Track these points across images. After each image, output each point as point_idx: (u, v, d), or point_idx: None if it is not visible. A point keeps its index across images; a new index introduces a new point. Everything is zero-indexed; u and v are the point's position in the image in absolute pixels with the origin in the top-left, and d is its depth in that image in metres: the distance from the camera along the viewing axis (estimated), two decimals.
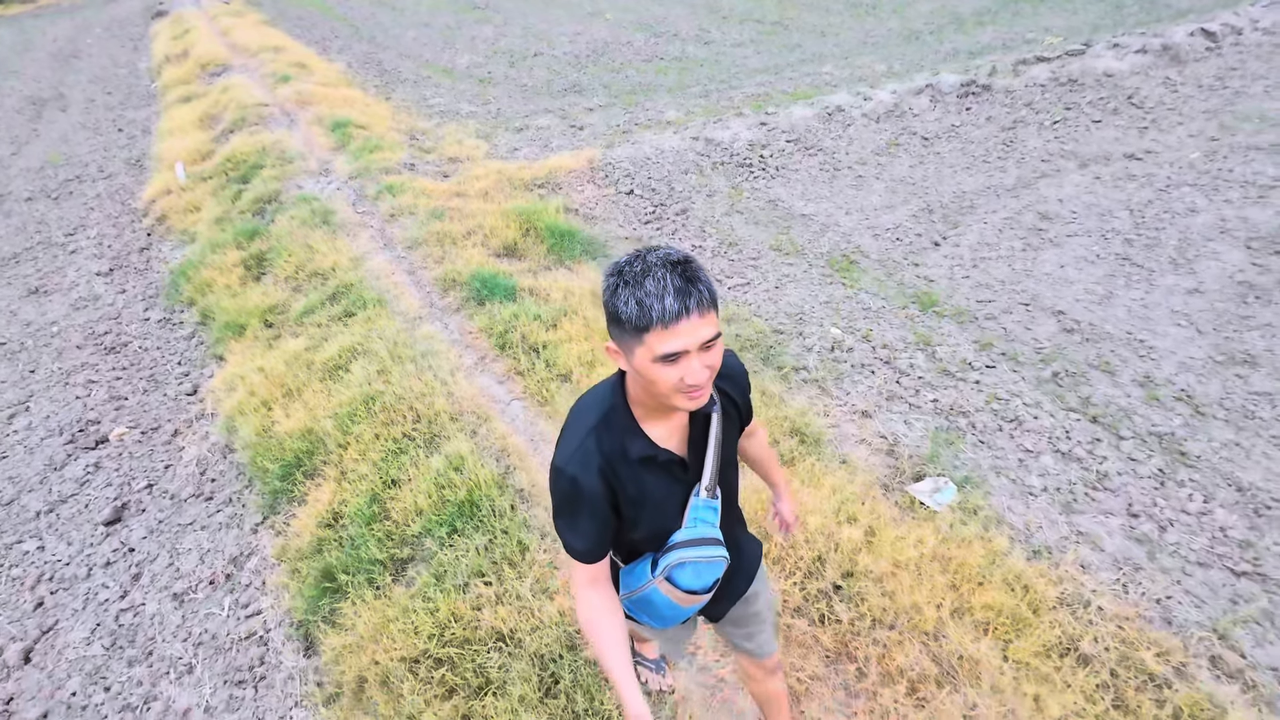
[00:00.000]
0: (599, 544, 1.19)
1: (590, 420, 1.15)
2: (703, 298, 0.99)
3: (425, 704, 2.07)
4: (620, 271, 1.02)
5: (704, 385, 1.04)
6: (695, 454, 1.23)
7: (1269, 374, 3.25)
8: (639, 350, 1.01)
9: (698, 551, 1.21)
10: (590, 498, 1.13)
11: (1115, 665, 2.09)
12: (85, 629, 2.88)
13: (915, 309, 3.98)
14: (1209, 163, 5.09)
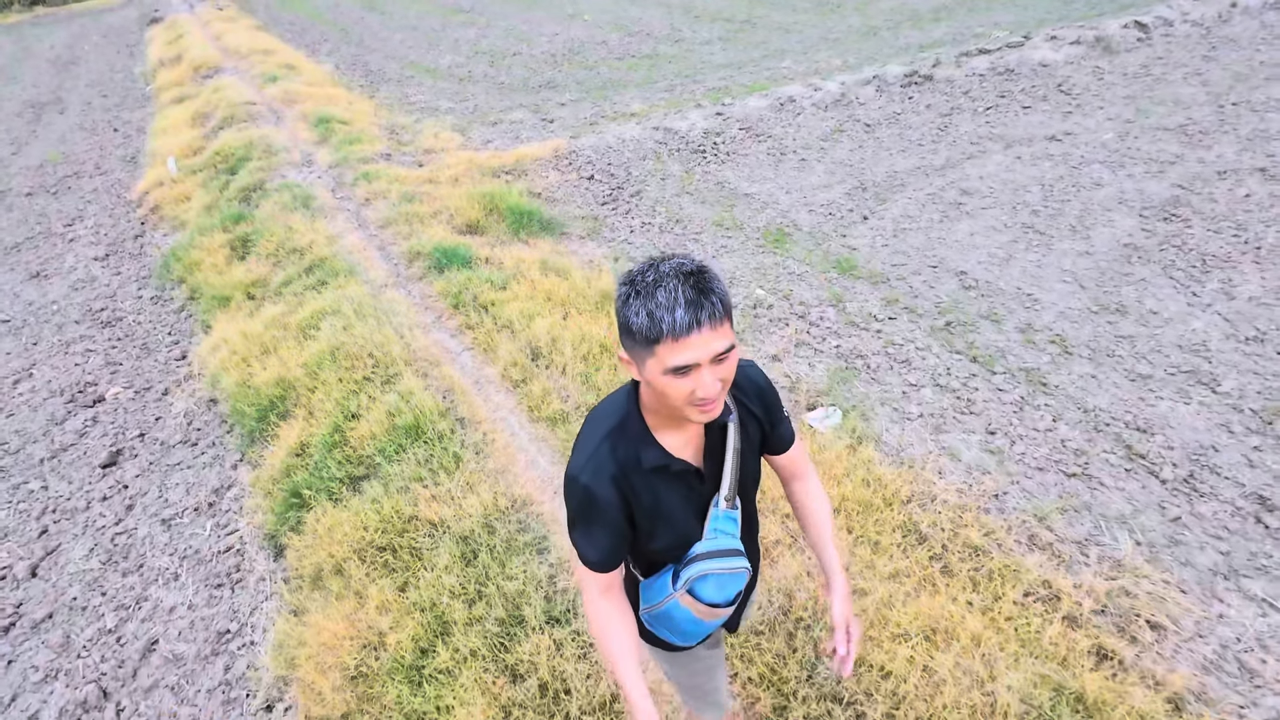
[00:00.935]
0: (613, 554, 1.17)
1: (604, 429, 1.14)
2: (715, 310, 0.97)
3: (370, 581, 2.48)
4: (632, 281, 1.00)
5: (716, 398, 1.02)
6: (712, 464, 1.21)
7: (1135, 320, 3.66)
8: (650, 362, 1.00)
9: (720, 563, 1.19)
10: (604, 507, 1.12)
11: (946, 541, 2.50)
12: (84, 549, 3.29)
13: (835, 273, 4.39)
14: (1120, 142, 5.51)
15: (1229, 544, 2.49)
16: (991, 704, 1.95)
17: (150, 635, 2.83)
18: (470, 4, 15.33)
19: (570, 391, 3.21)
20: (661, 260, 1.00)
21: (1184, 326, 3.56)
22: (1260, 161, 4.90)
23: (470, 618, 2.20)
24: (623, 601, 1.22)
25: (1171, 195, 4.69)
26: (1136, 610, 2.23)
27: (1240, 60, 6.65)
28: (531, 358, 3.43)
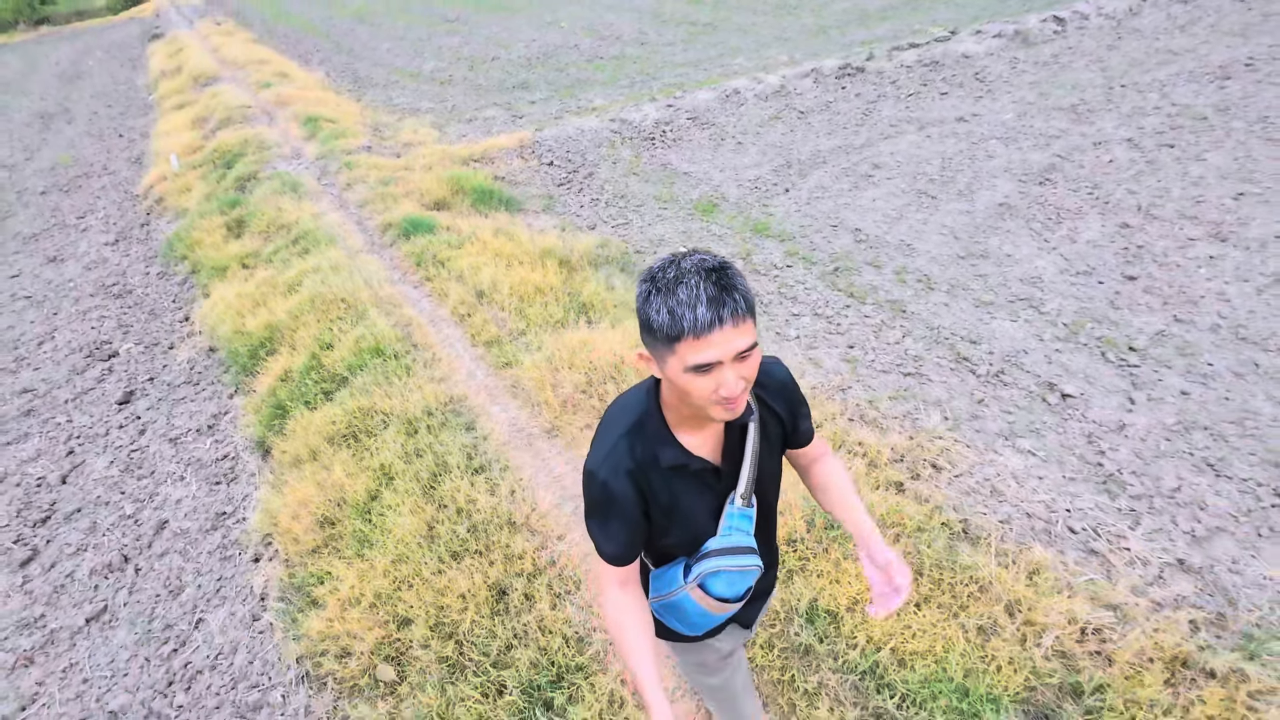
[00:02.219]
0: (629, 548, 1.17)
1: (623, 426, 1.14)
2: (738, 307, 0.95)
3: (334, 457, 3.13)
4: (653, 278, 0.99)
5: (738, 397, 1.01)
6: (730, 462, 1.20)
7: (992, 263, 4.31)
8: (671, 360, 0.98)
9: (732, 560, 1.19)
10: (621, 502, 1.12)
11: None
12: (105, 462, 3.94)
13: (750, 233, 5.06)
14: (1018, 121, 6.18)
15: (1015, 417, 3.14)
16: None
17: (161, 518, 3.48)
18: (455, 14, 16.10)
19: (506, 321, 3.88)
20: (682, 256, 0.98)
21: (1029, 265, 4.22)
22: (1130, 133, 5.57)
23: (408, 470, 2.85)
24: (639, 595, 1.21)
25: (1049, 163, 5.36)
26: (925, 458, 2.88)
27: (1139, 48, 7.33)
28: (477, 297, 4.10)
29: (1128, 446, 2.91)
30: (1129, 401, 3.15)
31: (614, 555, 1.17)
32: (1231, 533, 2.51)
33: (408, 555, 2.51)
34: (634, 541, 1.17)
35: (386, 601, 2.44)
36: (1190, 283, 3.84)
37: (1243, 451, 2.83)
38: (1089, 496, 2.70)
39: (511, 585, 2.36)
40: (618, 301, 4.09)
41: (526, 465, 2.96)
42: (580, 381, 3.21)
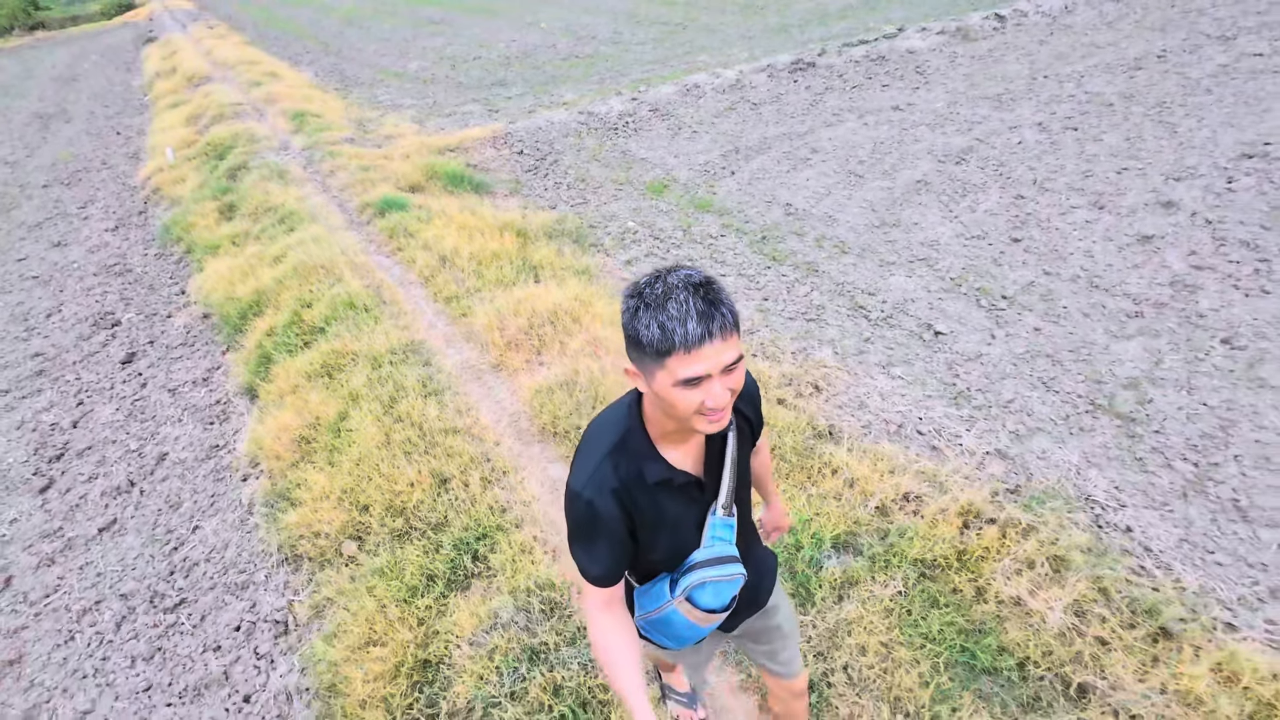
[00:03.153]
0: (615, 568, 1.17)
1: (606, 444, 1.14)
2: (726, 321, 0.97)
3: (311, 390, 3.65)
4: (640, 294, 1.00)
5: (725, 408, 1.02)
6: (711, 474, 1.22)
7: (901, 230, 4.85)
8: (660, 374, 1.00)
9: (717, 570, 1.21)
10: (607, 522, 1.12)
11: None
12: (111, 410, 4.45)
13: (693, 210, 5.59)
14: (947, 109, 6.74)
15: (894, 351, 3.67)
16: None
17: (162, 451, 3.99)
18: (441, 16, 16.64)
19: (464, 280, 4.41)
20: (668, 272, 1.00)
21: (932, 232, 4.76)
22: (1042, 118, 6.13)
23: (372, 395, 3.37)
24: (625, 616, 1.22)
25: (967, 146, 5.91)
26: (809, 381, 3.41)
27: (1067, 43, 7.91)
28: (440, 262, 4.62)
29: (980, 370, 3.45)
30: (990, 337, 3.69)
31: (599, 577, 1.17)
32: (1048, 432, 3.05)
33: (368, 457, 3.03)
34: (619, 562, 1.17)
35: (350, 494, 2.96)
36: (1064, 243, 4.39)
37: (1073, 373, 3.37)
38: (940, 408, 3.24)
39: (451, 474, 2.88)
40: (565, 265, 4.62)
41: (473, 392, 3.49)
42: (523, 325, 3.74)
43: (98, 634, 2.99)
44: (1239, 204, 4.44)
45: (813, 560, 2.41)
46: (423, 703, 2.21)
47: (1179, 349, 3.42)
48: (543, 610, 2.28)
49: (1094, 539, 2.46)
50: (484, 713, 2.10)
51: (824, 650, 2.18)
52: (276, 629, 2.84)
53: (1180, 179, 4.84)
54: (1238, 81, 6.13)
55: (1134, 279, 3.96)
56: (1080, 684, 2.00)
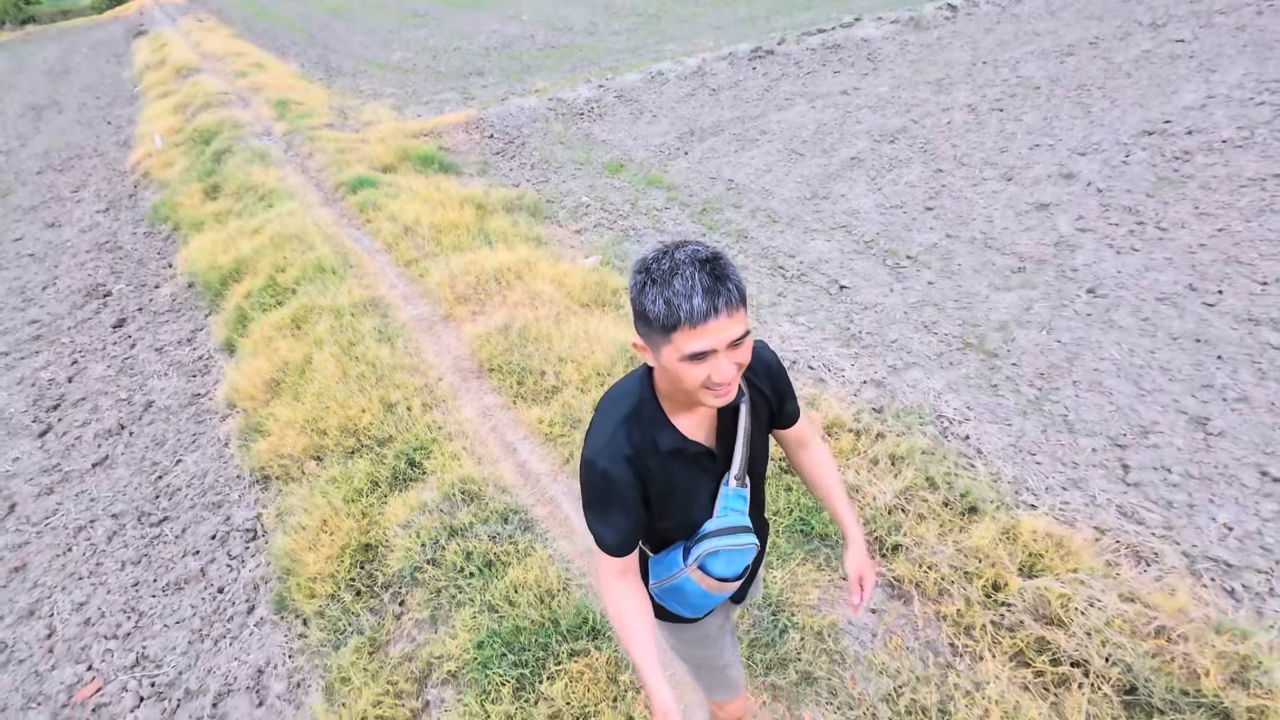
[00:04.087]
0: (630, 537, 1.19)
1: (620, 413, 1.16)
2: (732, 296, 0.98)
3: (281, 340, 4.07)
4: (648, 269, 1.00)
5: (731, 383, 1.04)
6: (724, 445, 1.24)
7: (829, 202, 5.29)
8: (666, 349, 1.00)
9: (730, 540, 1.23)
10: (622, 490, 1.14)
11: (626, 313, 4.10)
12: (103, 367, 4.87)
13: (644, 185, 6.02)
14: (890, 93, 7.16)
15: (802, 303, 4.11)
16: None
17: (149, 400, 4.42)
18: (425, 9, 16.98)
19: (424, 246, 4.84)
20: (675, 247, 1.01)
21: (856, 202, 5.20)
22: (974, 100, 6.56)
23: (333, 339, 3.80)
24: (639, 585, 1.24)
25: (901, 126, 6.34)
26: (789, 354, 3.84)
27: (1011, 30, 8.33)
28: (403, 231, 5.05)
29: (873, 317, 3.90)
30: (889, 290, 4.13)
31: (615, 545, 1.18)
32: (920, 366, 3.50)
33: (328, 390, 3.46)
34: (634, 530, 1.19)
35: (312, 422, 3.39)
36: (970, 210, 4.83)
37: (953, 318, 3.81)
38: (832, 348, 3.68)
39: (398, 401, 3.32)
40: (519, 234, 5.05)
41: (423, 338, 3.92)
42: (471, 282, 4.17)
43: (91, 545, 3.42)
44: (1130, 175, 4.89)
45: None
46: (363, 576, 2.65)
47: (1049, 298, 3.87)
48: (463, 499, 2.73)
49: (935, 444, 2.91)
50: (411, 578, 2.54)
51: None
52: (247, 535, 3.28)
53: (1085, 154, 5.27)
54: (1155, 66, 6.57)
55: (1024, 240, 4.41)
56: (894, 543, 2.44)
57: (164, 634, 2.91)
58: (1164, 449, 2.89)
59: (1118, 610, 2.14)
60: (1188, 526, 2.55)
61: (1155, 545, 2.45)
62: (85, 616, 3.06)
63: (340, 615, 2.58)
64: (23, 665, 2.89)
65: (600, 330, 3.62)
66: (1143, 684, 1.98)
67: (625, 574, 1.22)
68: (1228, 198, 4.44)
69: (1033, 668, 2.06)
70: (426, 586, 2.49)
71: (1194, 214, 4.36)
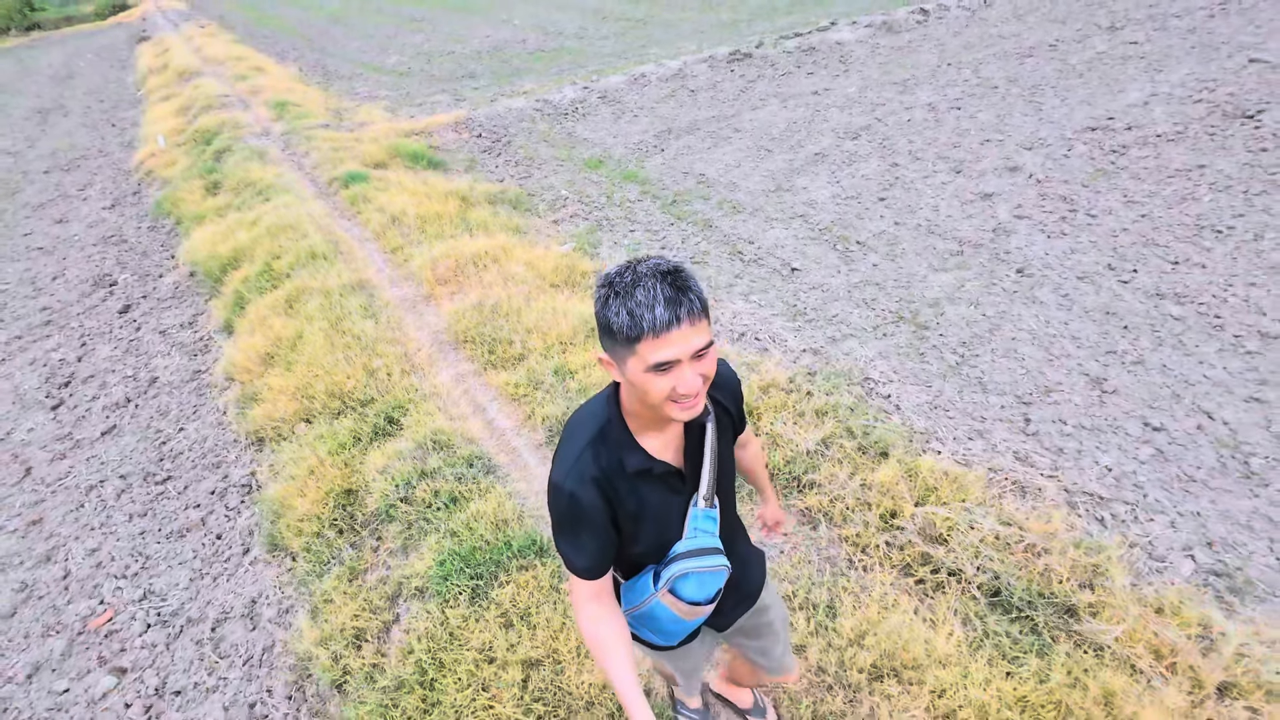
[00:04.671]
0: (601, 560, 1.18)
1: (586, 435, 1.15)
2: (693, 306, 0.99)
3: (276, 319, 4.41)
4: (610, 283, 1.02)
5: (697, 394, 1.04)
6: (692, 464, 1.23)
7: (790, 194, 5.63)
8: (631, 361, 1.01)
9: (699, 562, 1.22)
10: (590, 512, 1.13)
11: None
12: (110, 348, 5.21)
13: (620, 180, 6.37)
14: (859, 93, 7.52)
15: (756, 283, 4.46)
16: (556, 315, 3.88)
17: (153, 376, 4.76)
18: (423, 14, 17.38)
19: (410, 234, 5.19)
20: (638, 262, 1.03)
21: (815, 194, 5.54)
22: (934, 99, 6.91)
23: (322, 316, 4.14)
24: (614, 607, 1.24)
25: (865, 124, 6.69)
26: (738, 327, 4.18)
27: (978, 34, 8.69)
28: (391, 221, 5.40)
29: (819, 295, 4.24)
30: (836, 272, 4.47)
31: (586, 569, 1.18)
32: (856, 337, 3.84)
33: (316, 360, 3.80)
34: (605, 553, 1.18)
35: (302, 389, 3.73)
36: (919, 200, 5.17)
37: (891, 296, 4.16)
38: (779, 323, 4.03)
39: (379, 368, 3.66)
40: (499, 224, 5.40)
41: (405, 315, 4.27)
42: (451, 265, 4.52)
43: (101, 501, 3.76)
44: (1070, 167, 5.23)
45: None
46: (345, 516, 2.99)
47: (981, 277, 4.21)
48: (434, 447, 3.07)
49: (859, 401, 3.25)
50: (386, 515, 2.88)
51: None
52: (243, 490, 3.62)
53: (1031, 148, 5.62)
54: (1107, 66, 6.92)
55: (965, 226, 4.75)
56: (810, 481, 2.78)
57: (168, 573, 3.25)
58: (1063, 405, 3.23)
59: (994, 530, 2.48)
60: (1073, 468, 2.89)
61: (1040, 483, 2.79)
62: (97, 560, 3.39)
63: (324, 549, 2.92)
64: (42, 601, 3.23)
65: (566, 306, 3.96)
66: (1006, 587, 2.32)
67: (599, 597, 1.22)
68: (1154, 187, 4.79)
69: (915, 577, 2.40)
70: (399, 521, 2.83)
71: (1122, 202, 4.70)
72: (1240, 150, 5.01)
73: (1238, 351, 3.39)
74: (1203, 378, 3.27)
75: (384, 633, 2.52)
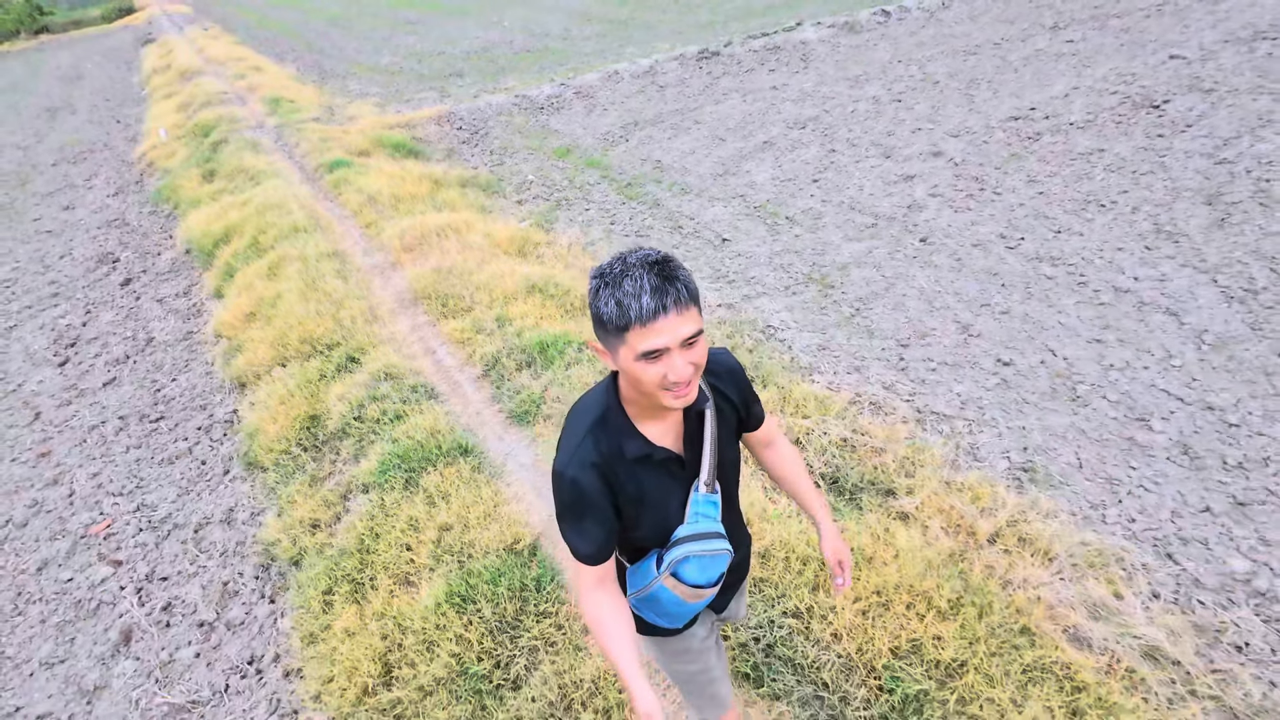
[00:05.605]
0: (604, 545, 1.20)
1: (586, 422, 1.18)
2: (680, 295, 1.01)
3: (260, 282, 4.93)
4: (601, 274, 1.04)
5: (688, 382, 1.06)
6: (692, 450, 1.25)
7: (735, 178, 6.14)
8: (622, 350, 1.04)
9: (701, 545, 1.24)
10: (592, 499, 1.16)
11: (545, 249, 4.95)
12: (112, 314, 5.74)
13: (584, 166, 6.89)
14: (814, 88, 8.03)
15: (690, 252, 4.95)
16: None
17: (150, 337, 5.28)
18: (418, 17, 17.97)
19: (384, 212, 5.71)
20: (628, 254, 1.05)
21: (757, 176, 6.05)
22: (880, 93, 7.42)
23: (299, 278, 4.66)
24: (617, 593, 1.26)
25: (814, 115, 7.20)
26: None
27: (932, 34, 9.20)
28: (368, 201, 5.92)
29: (743, 261, 4.74)
30: (761, 242, 4.97)
31: (589, 554, 1.20)
32: (769, 295, 4.34)
33: (291, 313, 4.31)
34: (608, 538, 1.20)
35: (279, 339, 4.24)
36: (847, 182, 5.67)
37: (807, 261, 4.65)
38: (704, 284, 4.52)
39: (346, 316, 4.17)
40: (467, 203, 5.92)
41: (373, 278, 4.79)
42: (417, 236, 5.04)
43: (102, 437, 4.28)
44: (987, 152, 5.73)
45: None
46: (309, 436, 3.50)
47: (888, 245, 4.71)
48: (385, 378, 3.58)
49: (756, 344, 3.75)
50: (342, 432, 3.38)
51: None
52: (226, 425, 4.13)
53: (956, 136, 6.12)
54: (1042, 62, 7.41)
55: (884, 204, 5.25)
56: None
57: (158, 490, 3.76)
58: (933, 346, 3.72)
59: (844, 436, 2.97)
60: (930, 395, 3.38)
61: (897, 404, 3.29)
62: (98, 482, 3.91)
63: (290, 464, 3.43)
64: (50, 514, 3.74)
65: (514, 269, 4.48)
66: (844, 477, 2.81)
67: (603, 583, 1.24)
68: (1056, 168, 5.28)
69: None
70: (353, 436, 3.33)
71: (1024, 181, 5.19)
72: (1139, 136, 5.50)
73: (1092, 304, 3.88)
74: (1057, 324, 3.76)
75: (335, 521, 3.02)
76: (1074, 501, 2.74)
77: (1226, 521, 2.61)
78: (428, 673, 2.15)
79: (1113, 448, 2.98)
